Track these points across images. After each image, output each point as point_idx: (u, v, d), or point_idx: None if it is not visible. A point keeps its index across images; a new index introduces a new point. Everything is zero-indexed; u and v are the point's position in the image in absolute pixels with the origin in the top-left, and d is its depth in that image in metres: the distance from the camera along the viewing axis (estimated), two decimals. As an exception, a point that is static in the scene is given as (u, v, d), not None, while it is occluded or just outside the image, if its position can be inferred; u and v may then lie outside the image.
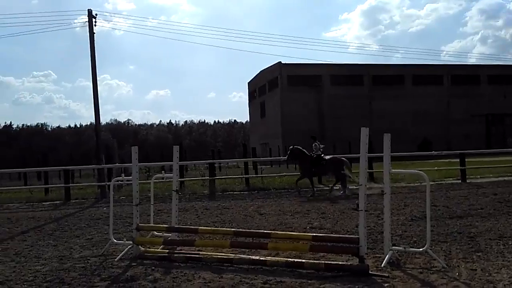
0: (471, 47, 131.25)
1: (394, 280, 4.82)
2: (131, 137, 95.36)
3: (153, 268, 5.66)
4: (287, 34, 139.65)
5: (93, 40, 16.37)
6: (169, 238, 6.79)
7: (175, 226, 6.75)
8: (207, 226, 8.53)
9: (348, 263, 5.33)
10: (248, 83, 70.00)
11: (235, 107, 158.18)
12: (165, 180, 13.05)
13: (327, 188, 14.92)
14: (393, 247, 5.62)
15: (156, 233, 7.25)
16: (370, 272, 5.04)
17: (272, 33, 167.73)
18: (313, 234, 6.10)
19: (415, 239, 6.86)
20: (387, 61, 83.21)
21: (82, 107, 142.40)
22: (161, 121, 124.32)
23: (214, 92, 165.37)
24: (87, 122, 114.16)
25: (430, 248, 5.47)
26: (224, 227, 8.77)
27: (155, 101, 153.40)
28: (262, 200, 13.37)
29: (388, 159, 5.63)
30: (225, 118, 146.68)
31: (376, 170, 16.91)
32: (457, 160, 18.91)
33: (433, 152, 21.64)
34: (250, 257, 5.73)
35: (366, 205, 5.32)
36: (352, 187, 13.84)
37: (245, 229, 8.15)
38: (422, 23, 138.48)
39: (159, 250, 6.43)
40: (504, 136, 54.79)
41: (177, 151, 7.12)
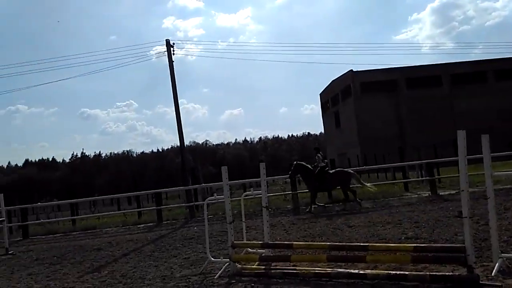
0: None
1: (509, 290, 4.50)
2: (209, 157, 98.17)
3: (252, 284, 5.74)
4: (356, 41, 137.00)
5: (173, 68, 17.27)
6: (264, 254, 6.87)
7: (269, 242, 6.81)
8: (296, 241, 8.51)
9: (456, 273, 5.05)
10: (320, 94, 69.54)
11: (307, 120, 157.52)
12: (253, 197, 13.33)
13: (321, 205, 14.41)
14: (503, 255, 5.25)
15: (250, 249, 7.36)
16: (481, 282, 4.74)
17: (340, 42, 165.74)
18: (414, 244, 5.86)
19: (524, 245, 6.36)
20: (465, 59, 78.54)
21: (163, 132, 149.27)
22: (236, 139, 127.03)
23: (285, 106, 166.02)
24: (168, 146, 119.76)
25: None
26: (314, 241, 8.70)
27: (230, 120, 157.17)
28: (348, 212, 13.11)
29: (489, 161, 5.32)
30: (298, 132, 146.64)
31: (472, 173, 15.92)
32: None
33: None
34: (349, 271, 5.62)
35: (463, 211, 5.03)
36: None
37: (336, 242, 8.03)
38: (500, 15, 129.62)
39: (255, 266, 6.52)
40: None
41: (264, 167, 7.22)
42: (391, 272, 5.33)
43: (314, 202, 14.26)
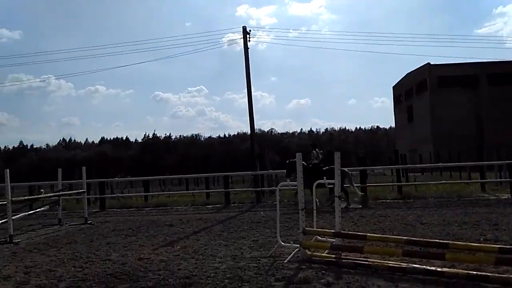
0: None
1: None
2: (274, 145, 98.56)
3: (323, 272, 5.72)
4: (434, 33, 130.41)
5: (248, 55, 17.45)
6: (334, 243, 6.81)
7: (341, 232, 6.74)
8: (368, 234, 8.35)
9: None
10: (393, 87, 67.23)
11: (377, 113, 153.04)
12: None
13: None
14: None
15: (319, 237, 7.34)
16: None
17: (418, 34, 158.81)
18: (500, 246, 5.54)
19: None
20: (557, 54, 72.29)
21: (230, 118, 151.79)
22: (302, 129, 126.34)
23: (354, 98, 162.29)
24: (234, 132, 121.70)
25: None
26: (385, 235, 8.49)
27: (296, 110, 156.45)
28: (421, 209, 12.65)
29: None
30: (366, 125, 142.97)
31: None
32: None
33: None
34: (425, 267, 5.44)
35: None
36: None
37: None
38: None
39: (325, 254, 6.50)
40: None
41: (339, 157, 7.12)
42: (471, 272, 5.09)
43: (314, 198, 14.14)
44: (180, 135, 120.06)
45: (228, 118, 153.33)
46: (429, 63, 51.32)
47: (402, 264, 5.71)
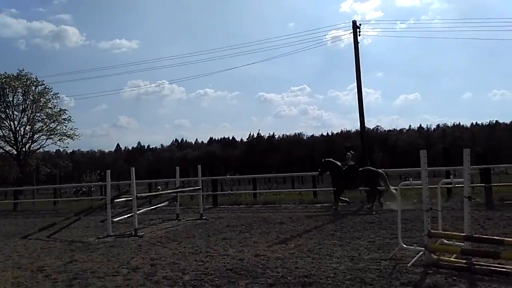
0: None
1: None
2: (381, 142, 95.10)
3: (454, 278, 5.29)
4: None
5: (358, 50, 16.93)
6: (463, 247, 6.26)
7: (473, 235, 6.18)
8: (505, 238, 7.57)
9: None
10: (515, 77, 61.08)
11: (496, 106, 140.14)
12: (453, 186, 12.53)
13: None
14: None
15: (445, 241, 6.81)
16: None
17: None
18: None
19: None
20: None
21: (333, 116, 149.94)
22: (410, 125, 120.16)
23: (469, 91, 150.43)
24: (337, 130, 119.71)
25: None
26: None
27: (404, 105, 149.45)
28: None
29: None
30: (484, 120, 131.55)
31: None
32: None
33: None
34: None
35: None
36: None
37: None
38: None
39: (453, 259, 6.00)
40: None
41: (468, 154, 6.52)
42: None
43: (338, 199, 14.35)
44: (283, 134, 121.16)
45: (331, 116, 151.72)
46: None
47: (549, 274, 5.06)
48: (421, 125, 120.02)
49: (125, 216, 11.87)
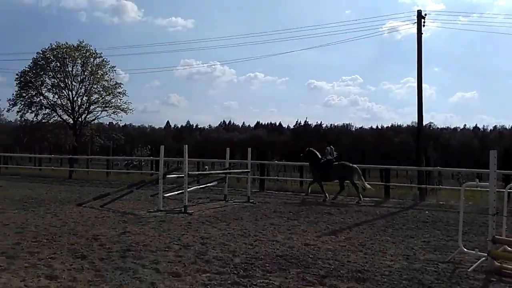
0: None
1: None
2: (433, 140, 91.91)
3: (519, 289, 4.97)
4: None
5: (421, 41, 16.17)
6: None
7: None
8: None
9: None
10: None
11: None
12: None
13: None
14: None
15: (508, 248, 6.43)
16: None
17: None
18: None
19: None
20: None
21: (384, 109, 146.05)
22: (465, 125, 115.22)
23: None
24: (387, 124, 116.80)
25: None
26: None
27: (460, 103, 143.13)
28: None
29: None
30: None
31: None
32: None
33: None
34: None
35: None
36: None
37: None
38: None
39: (519, 269, 5.65)
40: None
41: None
42: None
43: (323, 191, 14.81)
44: (331, 124, 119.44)
45: (381, 109, 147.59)
46: None
47: None
48: (476, 125, 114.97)
49: (176, 193, 12.07)
